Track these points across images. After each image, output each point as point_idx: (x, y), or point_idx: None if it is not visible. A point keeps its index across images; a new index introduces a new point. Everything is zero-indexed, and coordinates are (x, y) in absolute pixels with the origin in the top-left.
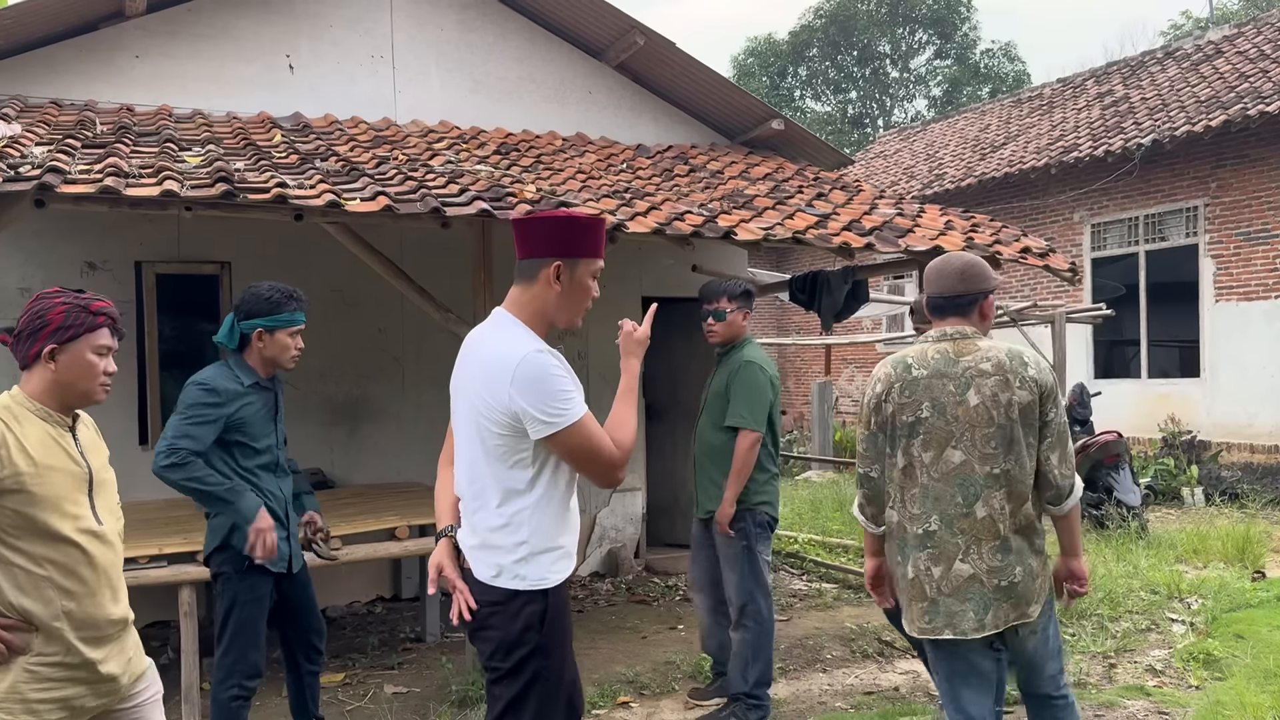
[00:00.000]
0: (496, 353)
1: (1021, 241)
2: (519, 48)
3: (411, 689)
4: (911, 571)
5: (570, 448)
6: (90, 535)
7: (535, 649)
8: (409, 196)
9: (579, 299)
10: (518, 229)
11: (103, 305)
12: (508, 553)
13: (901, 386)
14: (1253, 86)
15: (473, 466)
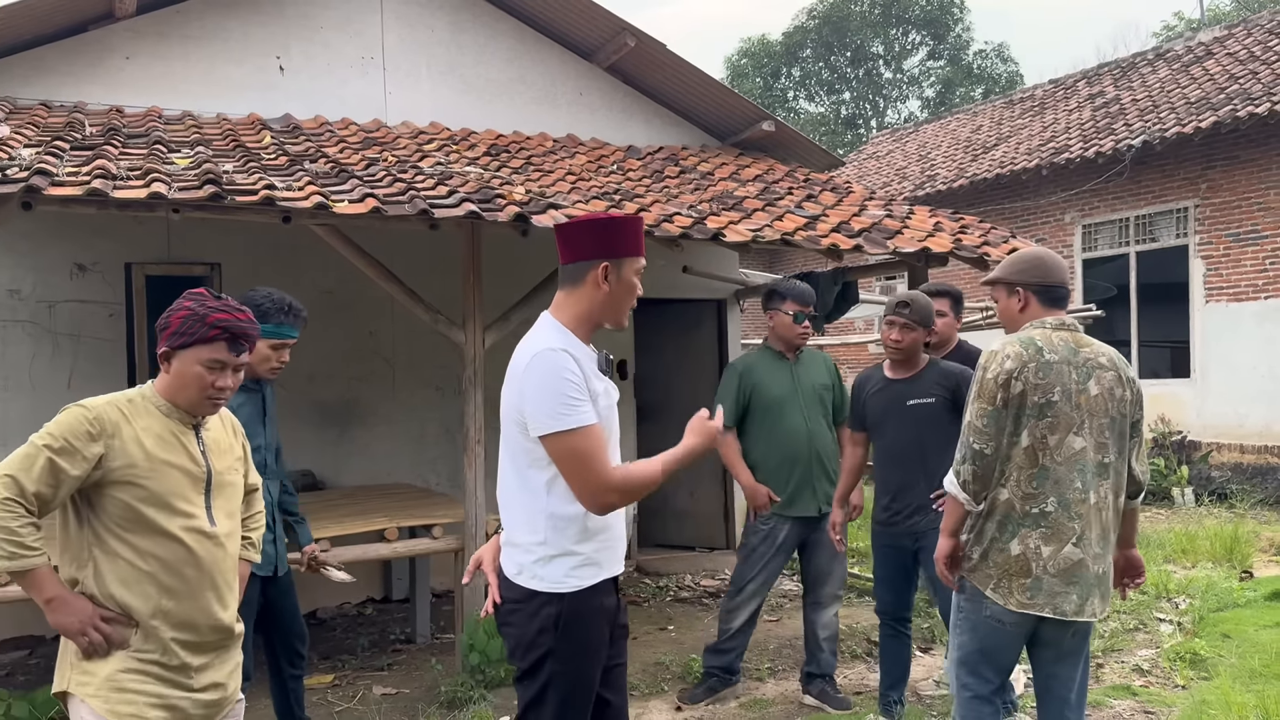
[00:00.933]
0: (521, 351)
1: (1010, 242)
2: (510, 49)
3: (401, 690)
4: (1018, 548)
5: (562, 454)
6: (200, 535)
7: (549, 652)
8: (397, 198)
9: (626, 297)
10: (561, 235)
11: (223, 318)
12: (527, 552)
13: (1036, 367)
14: (1242, 88)
15: (504, 468)
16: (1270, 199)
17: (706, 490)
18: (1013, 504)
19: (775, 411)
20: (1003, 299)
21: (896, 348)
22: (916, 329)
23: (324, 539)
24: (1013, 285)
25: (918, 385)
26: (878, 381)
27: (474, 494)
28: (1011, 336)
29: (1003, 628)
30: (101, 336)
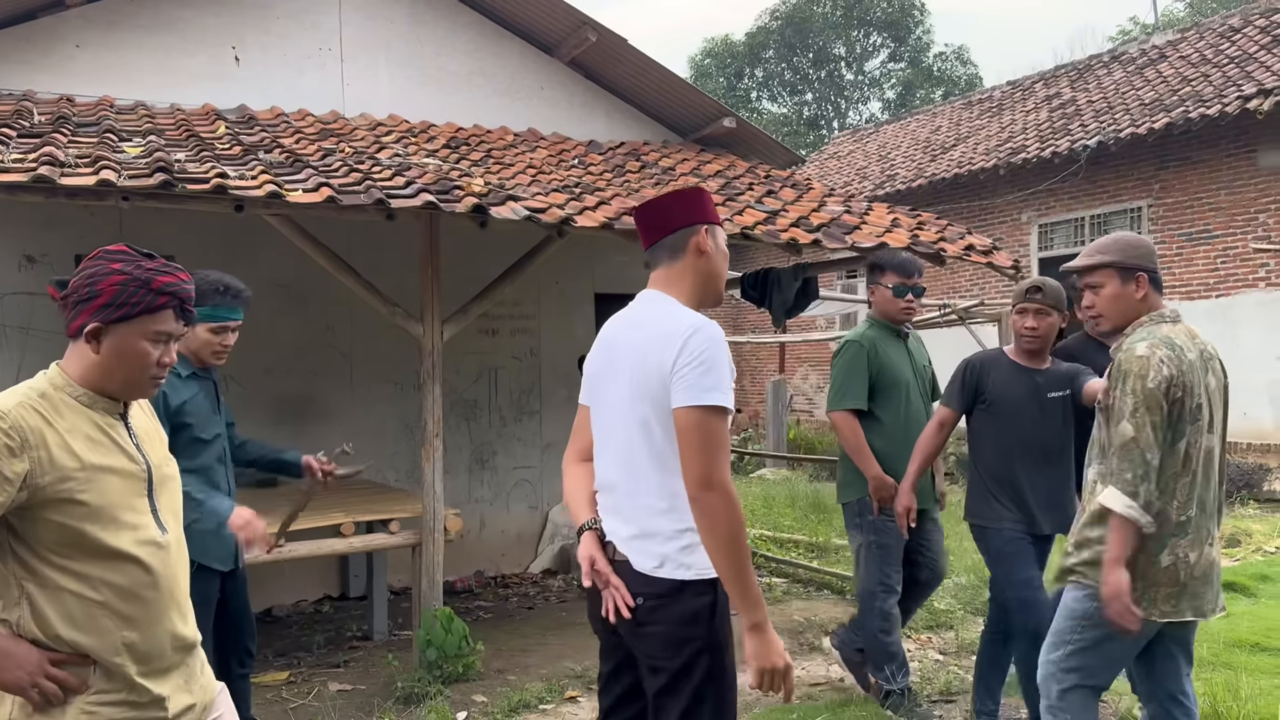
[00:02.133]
0: (668, 323)
1: (966, 239)
2: (470, 42)
3: (357, 687)
4: (1168, 559)
5: (698, 427)
6: (153, 547)
7: (705, 645)
8: (353, 188)
9: (724, 266)
10: (644, 214)
11: (169, 281)
12: (670, 540)
13: (1185, 369)
14: (1194, 90)
15: (630, 453)
16: (1220, 199)
17: None
18: (1168, 515)
19: (899, 395)
20: (1114, 285)
21: (1033, 335)
22: (1052, 314)
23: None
24: (1131, 270)
25: (1054, 378)
26: (1008, 368)
27: (432, 488)
28: (1149, 337)
29: (1137, 634)
30: (51, 329)
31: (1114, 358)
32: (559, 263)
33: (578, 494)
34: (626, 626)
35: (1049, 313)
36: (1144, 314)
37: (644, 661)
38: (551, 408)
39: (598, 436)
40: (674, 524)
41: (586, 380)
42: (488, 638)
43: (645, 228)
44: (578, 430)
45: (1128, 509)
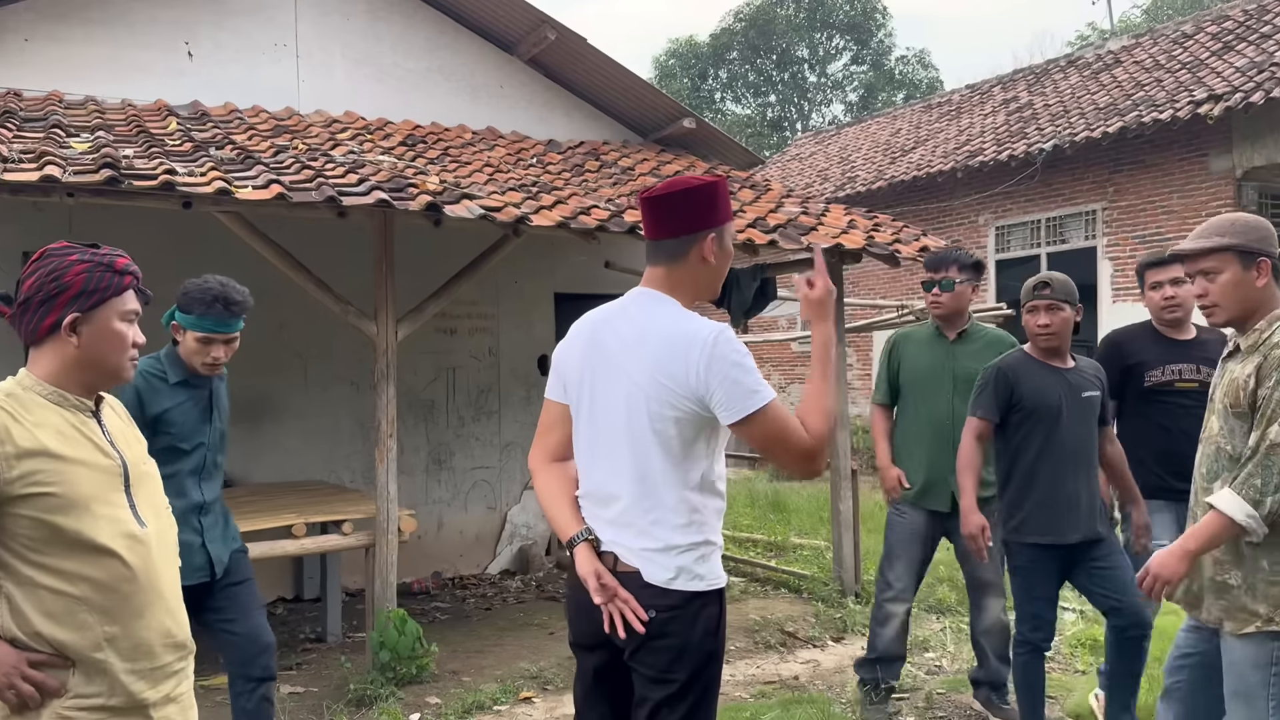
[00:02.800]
0: (680, 331)
1: (921, 241)
2: (428, 39)
3: (309, 689)
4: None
5: (768, 432)
6: (131, 540)
7: (711, 655)
8: (305, 185)
9: (726, 267)
10: (653, 207)
11: (127, 262)
12: (686, 552)
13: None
14: (1147, 95)
15: (644, 465)
16: (1173, 203)
17: None
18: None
19: (918, 391)
20: (1233, 271)
21: (1047, 332)
22: (1064, 308)
23: None
24: (1253, 255)
25: (1083, 376)
26: (1038, 371)
27: (386, 489)
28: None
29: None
30: None
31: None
32: (518, 262)
33: (559, 499)
34: (634, 640)
35: (1060, 307)
36: (1266, 303)
37: (647, 674)
38: (510, 407)
39: (588, 442)
40: (691, 537)
41: (563, 377)
42: (443, 639)
43: (651, 220)
44: (547, 428)
45: (1248, 519)
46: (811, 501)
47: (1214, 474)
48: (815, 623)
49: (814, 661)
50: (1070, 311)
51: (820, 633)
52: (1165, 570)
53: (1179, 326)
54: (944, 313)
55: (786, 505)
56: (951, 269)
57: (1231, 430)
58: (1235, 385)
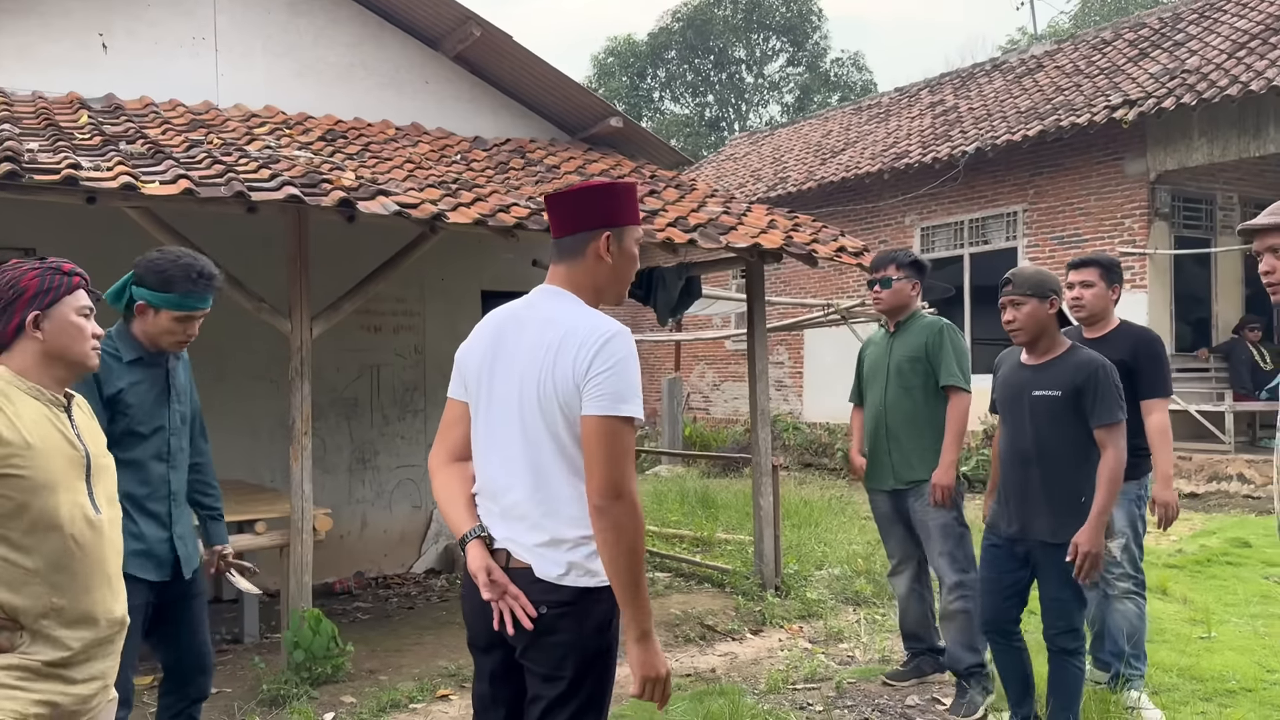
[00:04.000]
0: (579, 325)
1: (839, 241)
2: (351, 34)
3: (222, 690)
4: None
5: (607, 438)
6: (86, 524)
7: (603, 652)
8: (214, 180)
9: (629, 269)
10: (555, 205)
11: (73, 266)
12: (577, 547)
13: None
14: (1067, 99)
15: (538, 459)
16: (1090, 204)
17: None
18: None
19: (868, 385)
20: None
21: (1012, 327)
22: (1028, 301)
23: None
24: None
25: (1046, 374)
26: (1011, 366)
27: (300, 488)
28: None
29: None
30: None
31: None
32: (445, 260)
33: (455, 498)
34: (525, 637)
35: (1023, 301)
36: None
37: (538, 672)
38: (436, 406)
39: (484, 437)
40: (584, 531)
41: (464, 375)
42: (363, 638)
43: (553, 218)
44: (447, 427)
45: None
46: (739, 497)
47: None
48: (735, 616)
49: (732, 654)
50: (1036, 305)
51: (740, 626)
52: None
53: (1091, 325)
54: (883, 308)
55: (715, 501)
56: (890, 268)
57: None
58: None
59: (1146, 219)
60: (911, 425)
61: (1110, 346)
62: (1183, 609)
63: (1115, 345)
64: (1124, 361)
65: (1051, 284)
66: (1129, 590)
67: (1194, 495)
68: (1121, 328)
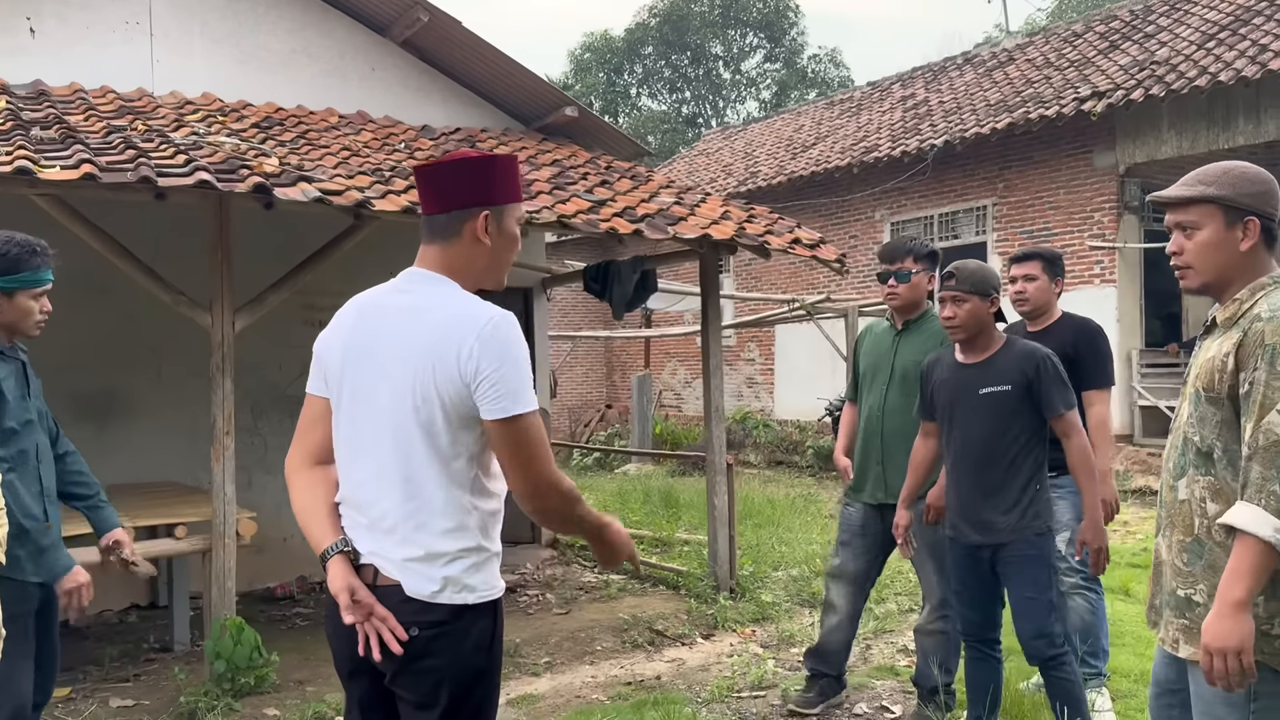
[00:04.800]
0: (454, 313)
1: (794, 233)
2: (293, 19)
3: (140, 702)
4: None
5: (519, 439)
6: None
7: (482, 674)
8: (123, 165)
9: (509, 251)
10: (425, 178)
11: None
12: (454, 561)
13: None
14: (1036, 92)
15: (409, 465)
16: (1060, 198)
17: None
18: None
19: (866, 384)
20: (1214, 228)
21: (950, 325)
22: (969, 298)
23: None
24: (1241, 211)
25: (991, 370)
26: (947, 366)
27: (222, 490)
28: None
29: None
30: None
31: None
32: (394, 251)
33: (317, 508)
34: (395, 663)
35: (965, 298)
36: (1248, 271)
37: (410, 699)
38: None
39: (348, 440)
40: (459, 543)
41: (324, 368)
42: (298, 646)
43: (424, 193)
44: (306, 427)
45: (1276, 534)
46: (703, 496)
47: (1180, 470)
48: (687, 620)
49: (679, 660)
50: (978, 302)
51: (690, 630)
52: (1228, 640)
53: (1034, 318)
54: (900, 304)
55: (680, 500)
56: (907, 260)
57: (1202, 418)
58: (1211, 366)
59: (1116, 212)
60: (910, 437)
61: (1052, 338)
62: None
63: (1057, 336)
64: (1065, 353)
65: (993, 281)
66: (1077, 585)
67: None
68: (1064, 319)
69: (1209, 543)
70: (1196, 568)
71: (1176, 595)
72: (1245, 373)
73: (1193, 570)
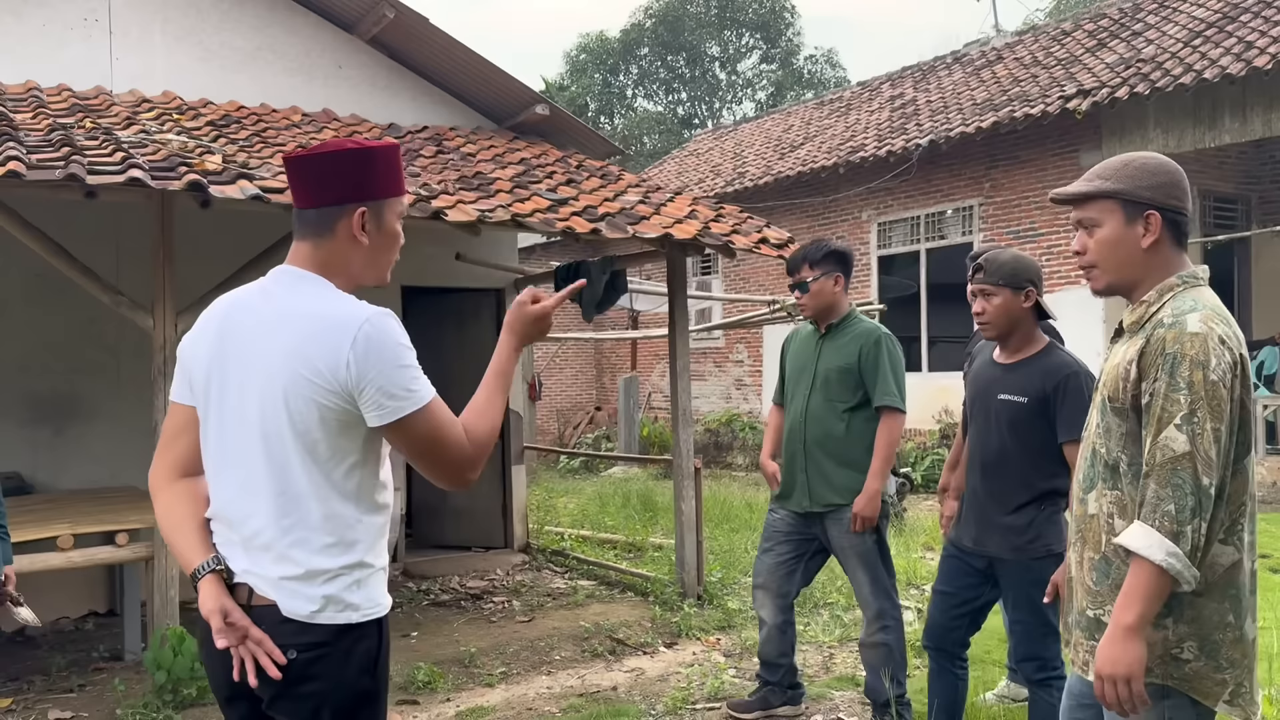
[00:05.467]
0: (328, 314)
1: (762, 233)
2: (258, 16)
3: (79, 714)
4: (1252, 631)
5: (418, 436)
6: None
7: (366, 696)
8: (51, 162)
9: (391, 249)
10: (296, 170)
11: None
12: (337, 578)
13: (1244, 354)
14: (1023, 90)
15: (283, 478)
16: (1046, 198)
17: (485, 486)
18: (1241, 566)
19: (791, 389)
20: (1113, 225)
21: (981, 321)
22: (1000, 291)
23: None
24: (1141, 205)
25: (1014, 377)
26: (984, 361)
27: None
28: (1198, 307)
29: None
30: None
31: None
32: None
33: (184, 524)
34: (273, 687)
35: (994, 292)
36: (1156, 270)
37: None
38: None
39: (217, 452)
40: (342, 559)
41: (188, 374)
42: None
43: (295, 186)
44: (172, 437)
45: (1169, 558)
46: None
47: (1089, 482)
48: (651, 628)
49: (639, 670)
50: (1010, 296)
51: (654, 638)
52: (1117, 667)
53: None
54: (809, 313)
55: (656, 504)
56: (804, 269)
57: (1107, 429)
58: (1116, 374)
59: None
60: (833, 443)
61: None
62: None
63: None
64: None
65: (1028, 273)
66: None
67: None
68: None
69: (1115, 561)
70: (1104, 587)
71: (1086, 615)
72: (1147, 382)
73: (1100, 590)
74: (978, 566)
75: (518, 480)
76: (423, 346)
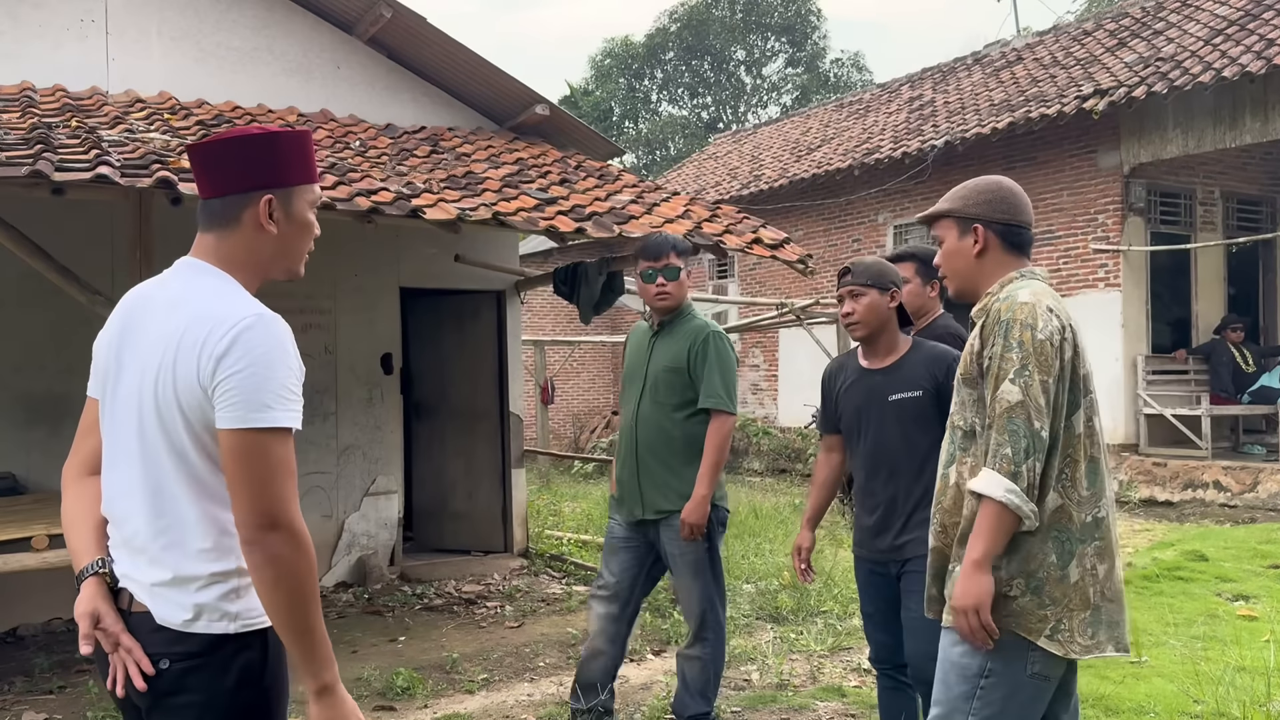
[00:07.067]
0: (209, 311)
1: (756, 233)
2: (256, 16)
3: (53, 717)
4: (1076, 574)
5: (252, 454)
6: None
7: (252, 710)
8: (20, 159)
9: (302, 240)
10: (199, 157)
11: None
12: (211, 586)
13: (1074, 324)
14: (1040, 91)
15: (157, 476)
16: (1063, 200)
17: (485, 490)
18: (1069, 513)
19: (625, 390)
20: (950, 239)
21: (851, 321)
22: (867, 291)
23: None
24: (968, 220)
25: (900, 375)
26: (851, 372)
27: None
28: (1028, 285)
29: (1048, 685)
30: None
31: (976, 319)
32: (357, 254)
33: (80, 522)
34: (147, 698)
35: (863, 292)
36: (989, 276)
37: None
38: (349, 409)
39: (108, 449)
40: (216, 565)
41: (97, 367)
42: None
43: (198, 174)
44: (83, 433)
45: (1007, 494)
46: None
47: (950, 458)
48: (640, 635)
49: (623, 678)
50: (878, 298)
51: (642, 646)
52: (967, 598)
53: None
54: (671, 304)
55: None
56: (671, 255)
57: (962, 403)
58: (967, 353)
59: (1120, 214)
60: (664, 447)
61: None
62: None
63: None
64: None
65: (892, 275)
66: None
67: (1168, 503)
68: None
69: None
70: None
71: (953, 576)
72: (987, 349)
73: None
74: (894, 574)
75: (517, 484)
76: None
